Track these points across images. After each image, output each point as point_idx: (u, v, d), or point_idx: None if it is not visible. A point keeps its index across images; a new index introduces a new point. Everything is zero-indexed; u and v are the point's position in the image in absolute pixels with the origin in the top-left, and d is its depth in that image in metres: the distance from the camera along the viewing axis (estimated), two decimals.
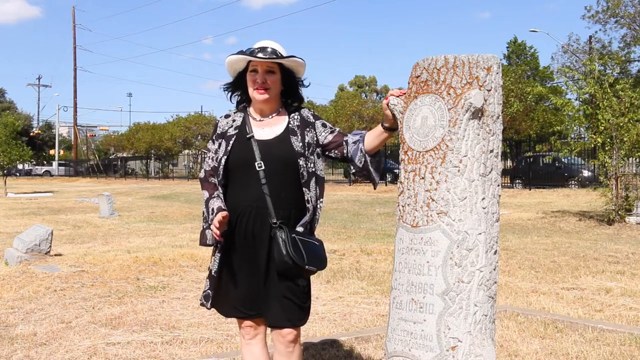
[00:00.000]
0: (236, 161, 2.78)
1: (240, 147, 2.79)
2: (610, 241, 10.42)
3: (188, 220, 14.82)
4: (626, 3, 33.45)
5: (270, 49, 2.78)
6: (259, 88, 2.79)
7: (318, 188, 2.83)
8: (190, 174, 47.67)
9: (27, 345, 4.35)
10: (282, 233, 2.66)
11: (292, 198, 2.77)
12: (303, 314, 2.80)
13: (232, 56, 2.83)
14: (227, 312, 2.88)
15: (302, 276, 2.74)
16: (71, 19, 58.99)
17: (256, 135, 2.81)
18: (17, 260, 7.53)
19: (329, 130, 2.88)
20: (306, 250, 2.67)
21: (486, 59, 2.24)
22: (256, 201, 2.74)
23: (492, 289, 2.24)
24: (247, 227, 2.75)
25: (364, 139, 2.80)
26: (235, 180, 2.81)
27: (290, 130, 2.82)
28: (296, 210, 2.77)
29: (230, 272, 2.80)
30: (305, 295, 2.79)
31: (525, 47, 50.28)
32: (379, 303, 5.65)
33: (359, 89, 65.20)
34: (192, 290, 6.23)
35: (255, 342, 2.88)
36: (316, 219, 2.85)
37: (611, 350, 4.11)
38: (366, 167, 2.80)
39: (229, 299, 2.82)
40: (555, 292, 6.17)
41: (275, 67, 2.80)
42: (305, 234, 2.76)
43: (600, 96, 12.61)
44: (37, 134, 66.38)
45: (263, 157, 2.75)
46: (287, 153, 2.76)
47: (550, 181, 24.54)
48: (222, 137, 2.86)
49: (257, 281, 2.76)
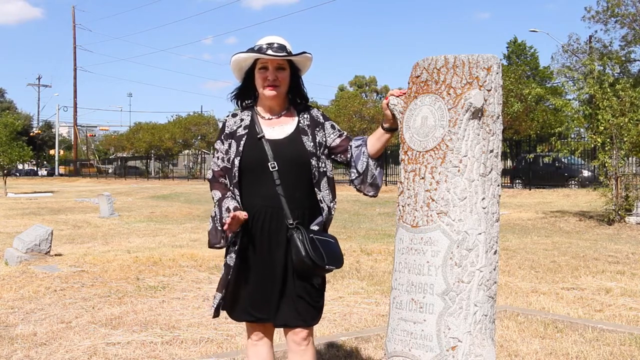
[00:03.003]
0: (249, 162, 2.73)
1: (251, 147, 2.74)
2: (610, 241, 10.42)
3: (188, 220, 14.82)
4: (626, 2, 33.44)
5: (278, 44, 2.72)
6: (270, 85, 2.73)
7: (330, 189, 2.80)
8: (190, 174, 47.70)
9: (27, 345, 4.35)
10: (299, 234, 2.63)
11: (305, 198, 2.74)
12: (316, 313, 2.77)
13: (240, 54, 2.76)
14: (238, 316, 2.80)
15: (319, 275, 2.71)
16: (71, 19, 59.07)
17: (267, 134, 2.76)
18: (17, 260, 7.53)
19: (337, 133, 2.84)
20: (325, 250, 2.65)
21: (486, 59, 2.24)
22: (271, 202, 2.70)
23: (492, 289, 2.24)
24: (263, 228, 2.71)
25: (366, 142, 2.77)
26: (248, 181, 2.75)
27: (301, 130, 2.78)
28: (310, 210, 2.75)
29: (244, 274, 2.74)
30: (319, 294, 2.76)
31: (525, 47, 50.26)
32: (379, 303, 5.65)
33: (359, 89, 65.11)
34: (192, 290, 6.23)
35: (262, 344, 2.85)
36: (330, 218, 2.82)
37: (611, 350, 4.11)
38: (367, 172, 2.75)
39: (242, 301, 2.76)
40: (555, 292, 6.17)
41: (285, 63, 2.75)
42: (321, 231, 2.74)
43: (600, 96, 12.61)
44: (37, 134, 66.41)
45: (275, 157, 2.71)
46: (299, 153, 2.73)
47: (550, 181, 24.56)
48: (232, 137, 2.79)
49: (270, 282, 2.71)
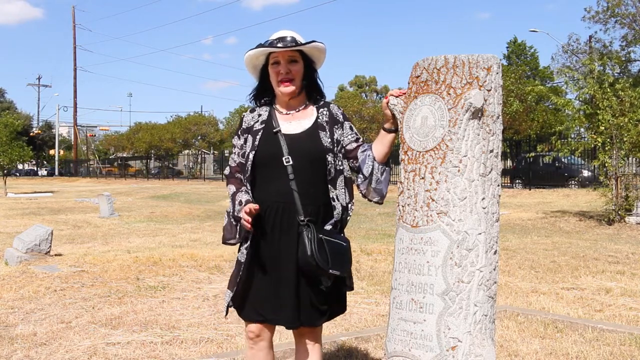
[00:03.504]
0: (263, 156, 2.68)
1: (267, 141, 2.69)
2: (610, 241, 10.42)
3: (188, 220, 14.82)
4: (626, 2, 33.45)
5: (290, 37, 2.67)
6: (284, 80, 2.68)
7: (347, 189, 2.75)
8: (190, 174, 47.71)
9: (27, 345, 4.35)
10: (308, 232, 2.58)
11: (320, 194, 2.69)
12: (319, 315, 2.71)
13: (251, 51, 2.71)
14: (247, 315, 2.74)
15: (325, 277, 2.65)
16: (71, 19, 59.07)
17: (283, 129, 2.71)
18: (17, 260, 7.53)
19: (354, 137, 2.78)
20: (331, 253, 2.58)
21: (486, 59, 2.24)
22: (284, 197, 2.65)
23: (492, 289, 2.24)
24: (275, 224, 2.66)
25: (371, 147, 2.71)
26: (262, 176, 2.71)
27: (319, 125, 2.72)
28: (325, 207, 2.70)
29: (255, 271, 2.69)
30: (325, 297, 2.70)
31: (525, 47, 50.26)
32: (379, 303, 5.65)
33: (359, 89, 65.12)
34: (192, 290, 6.23)
35: (262, 344, 2.78)
36: (345, 219, 2.77)
37: (611, 350, 4.10)
38: (372, 176, 2.67)
39: (251, 300, 2.69)
40: (555, 292, 6.16)
41: (297, 55, 2.69)
42: (333, 232, 2.67)
43: (600, 96, 12.61)
44: (37, 134, 66.44)
45: (291, 152, 2.65)
46: (315, 148, 2.67)
47: (550, 181, 24.56)
48: (248, 132, 2.75)
49: (281, 281, 2.66)
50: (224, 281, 6.67)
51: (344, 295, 2.84)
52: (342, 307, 2.84)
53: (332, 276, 2.64)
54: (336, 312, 2.81)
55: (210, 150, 55.37)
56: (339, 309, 2.82)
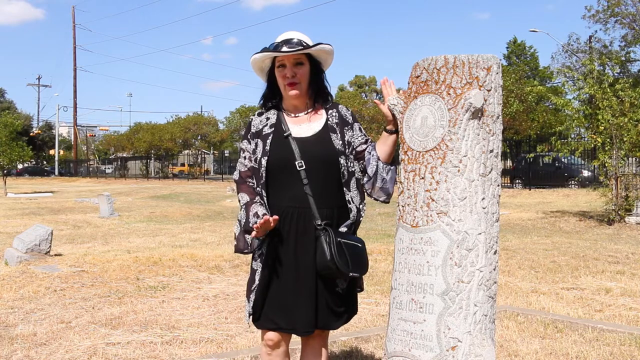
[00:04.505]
0: (276, 161, 2.64)
1: (278, 146, 2.66)
2: (610, 241, 10.42)
3: (188, 220, 14.82)
4: (626, 2, 33.45)
5: (296, 39, 2.64)
6: (290, 84, 2.65)
7: (359, 190, 2.73)
8: (190, 174, 47.69)
9: (27, 345, 4.35)
10: (326, 236, 2.56)
11: (334, 198, 2.66)
12: (335, 318, 2.70)
13: (256, 55, 2.68)
14: (262, 324, 2.69)
15: (342, 279, 2.64)
16: (71, 19, 59.08)
17: (293, 132, 2.68)
18: (17, 260, 7.53)
19: (363, 138, 2.75)
20: (350, 256, 2.57)
21: (486, 59, 2.24)
22: (299, 202, 2.62)
23: (492, 289, 2.24)
24: (291, 229, 2.63)
25: (374, 147, 2.69)
26: (275, 181, 2.67)
27: (330, 128, 2.70)
28: (339, 210, 2.67)
29: (270, 279, 2.65)
30: (342, 299, 2.69)
31: (525, 47, 50.28)
32: (379, 303, 5.65)
33: (358, 89, 65.10)
34: (192, 290, 6.23)
35: (278, 354, 2.74)
36: (359, 221, 2.76)
37: (611, 350, 4.11)
38: (376, 175, 2.65)
39: (266, 308, 2.66)
40: (555, 292, 6.17)
41: (304, 57, 2.67)
42: (349, 234, 2.66)
43: (600, 96, 12.61)
44: (37, 134, 66.40)
45: (303, 156, 2.62)
46: (327, 151, 2.65)
47: (550, 181, 24.57)
48: (258, 136, 2.71)
49: (297, 286, 2.62)
50: (224, 281, 6.67)
51: (356, 297, 2.83)
52: (354, 308, 2.83)
53: (349, 278, 2.63)
54: (350, 314, 2.79)
55: (210, 150, 55.38)
56: (352, 311, 2.81)
